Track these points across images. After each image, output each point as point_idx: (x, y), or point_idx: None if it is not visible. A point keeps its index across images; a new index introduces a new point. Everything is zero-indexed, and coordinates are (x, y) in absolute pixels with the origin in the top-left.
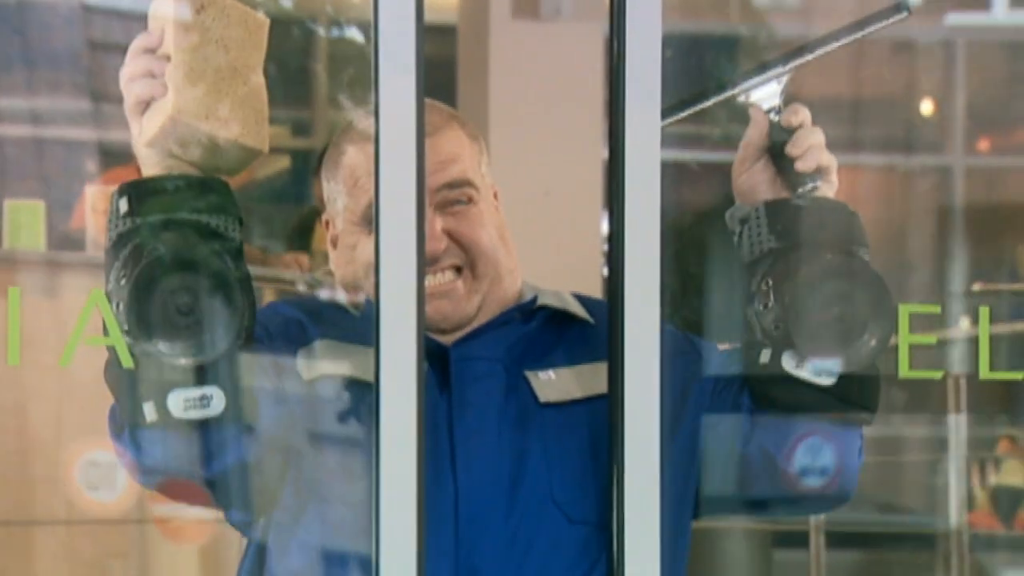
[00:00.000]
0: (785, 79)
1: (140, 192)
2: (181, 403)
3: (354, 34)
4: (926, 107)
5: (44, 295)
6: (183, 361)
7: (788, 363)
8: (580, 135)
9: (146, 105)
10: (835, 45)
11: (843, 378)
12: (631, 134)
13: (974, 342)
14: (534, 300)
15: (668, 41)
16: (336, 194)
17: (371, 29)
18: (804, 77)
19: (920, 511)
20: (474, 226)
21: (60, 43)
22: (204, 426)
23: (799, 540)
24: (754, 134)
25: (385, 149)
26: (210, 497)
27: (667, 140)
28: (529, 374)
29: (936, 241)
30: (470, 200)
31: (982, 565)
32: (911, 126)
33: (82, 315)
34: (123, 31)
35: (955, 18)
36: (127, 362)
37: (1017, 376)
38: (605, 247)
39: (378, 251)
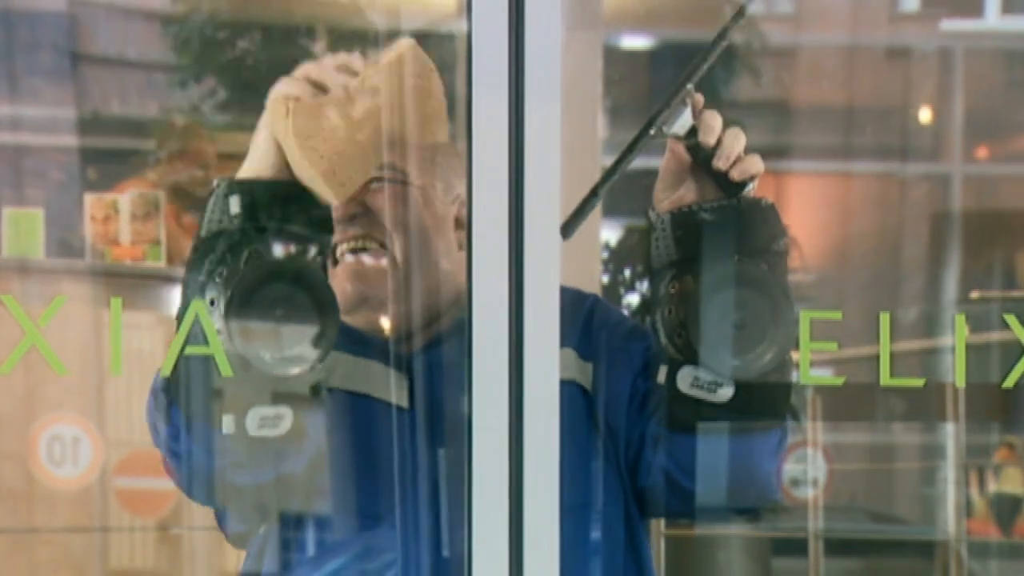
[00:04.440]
0: (691, 99)
1: (252, 194)
2: (257, 420)
3: (353, 41)
4: (924, 114)
5: (43, 303)
6: (291, 371)
7: (683, 382)
8: (579, 141)
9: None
10: (715, 56)
11: (742, 391)
12: (530, 136)
13: (973, 349)
14: None
15: (661, 50)
16: None
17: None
18: (801, 84)
19: (919, 518)
20: (398, 202)
21: (50, 21)
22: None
23: (798, 547)
24: (672, 164)
25: (477, 166)
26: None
27: (662, 148)
28: None
29: (934, 248)
30: (397, 181)
31: (980, 572)
32: (908, 133)
33: (184, 324)
34: (123, 36)
35: (950, 24)
36: (227, 371)
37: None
38: (605, 253)
39: (470, 266)
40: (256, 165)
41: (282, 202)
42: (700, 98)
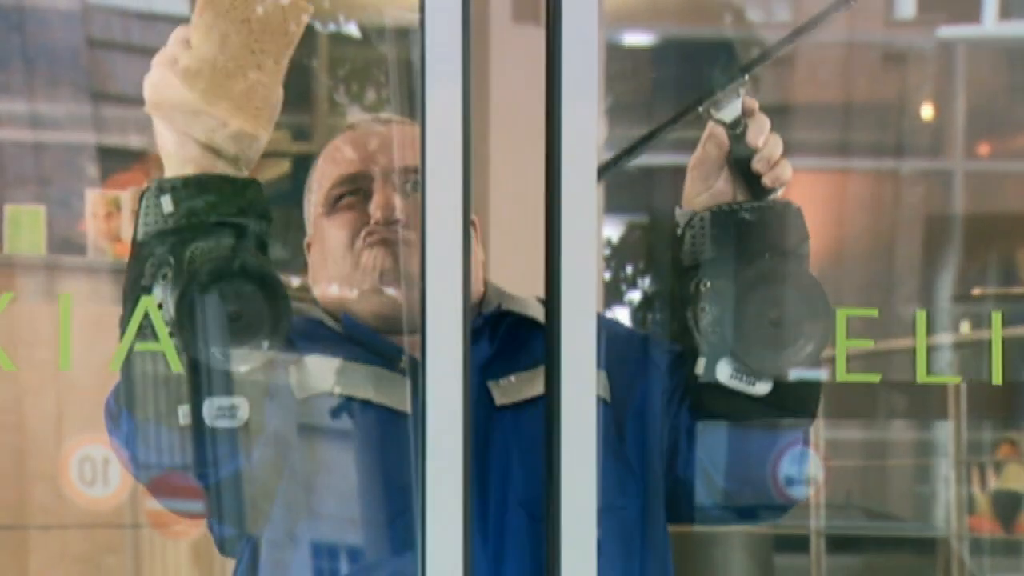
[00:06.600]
0: (742, 89)
1: (185, 192)
2: (214, 411)
3: (353, 32)
4: (926, 112)
5: (45, 300)
6: (235, 367)
7: (723, 373)
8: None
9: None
10: (789, 46)
11: (779, 385)
12: (567, 134)
13: (974, 347)
14: (499, 307)
15: (664, 48)
16: (309, 203)
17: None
18: (804, 82)
19: (920, 515)
20: None
21: (60, 44)
22: (214, 434)
23: (800, 545)
24: (714, 151)
25: (431, 162)
26: (207, 497)
27: (666, 145)
28: (490, 383)
29: (935, 246)
30: None
31: (982, 569)
32: (910, 131)
33: (133, 321)
34: (125, 31)
35: (948, 31)
36: (176, 366)
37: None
38: (607, 251)
39: (424, 269)
40: (177, 168)
41: (216, 195)
42: (754, 101)
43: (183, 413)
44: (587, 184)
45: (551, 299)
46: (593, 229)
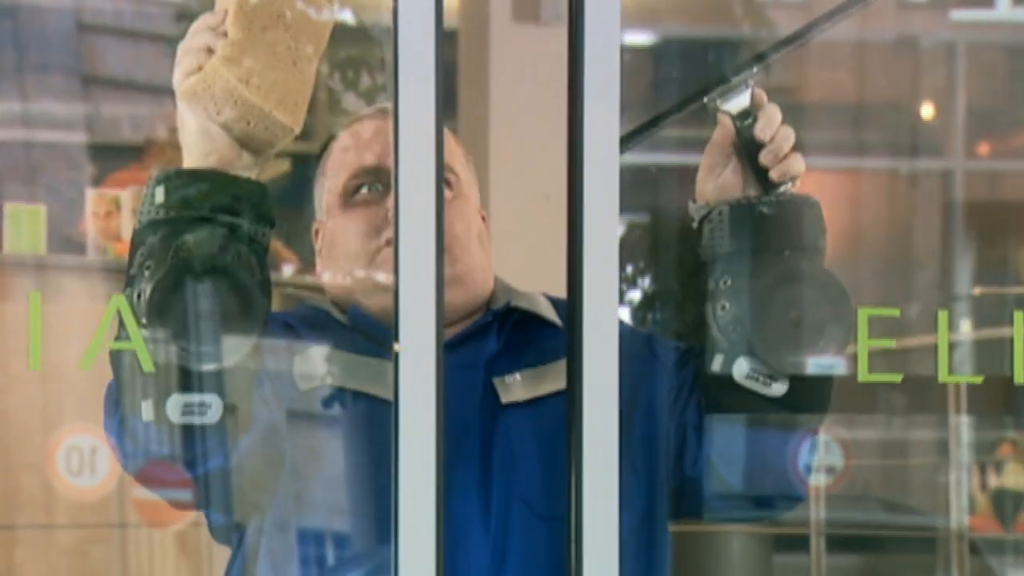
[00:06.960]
0: (752, 81)
1: (178, 183)
2: (180, 407)
3: (350, 22)
4: (927, 110)
5: (44, 299)
6: (199, 366)
7: (739, 372)
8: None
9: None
10: (798, 44)
11: (793, 386)
12: (590, 133)
13: (976, 345)
14: (507, 303)
15: (669, 45)
16: (322, 189)
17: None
18: (806, 80)
19: (921, 514)
20: (448, 211)
21: (59, 43)
22: (199, 428)
23: (800, 543)
24: (722, 139)
25: (404, 156)
26: (193, 489)
27: (670, 144)
28: (496, 379)
29: (937, 245)
30: (448, 186)
31: (983, 568)
32: (912, 129)
33: (104, 320)
34: (123, 27)
35: (960, 15)
36: (148, 366)
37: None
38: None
39: (397, 255)
40: (200, 158)
41: (209, 190)
42: (763, 93)
43: (146, 408)
44: (610, 184)
45: (573, 301)
46: (615, 230)
